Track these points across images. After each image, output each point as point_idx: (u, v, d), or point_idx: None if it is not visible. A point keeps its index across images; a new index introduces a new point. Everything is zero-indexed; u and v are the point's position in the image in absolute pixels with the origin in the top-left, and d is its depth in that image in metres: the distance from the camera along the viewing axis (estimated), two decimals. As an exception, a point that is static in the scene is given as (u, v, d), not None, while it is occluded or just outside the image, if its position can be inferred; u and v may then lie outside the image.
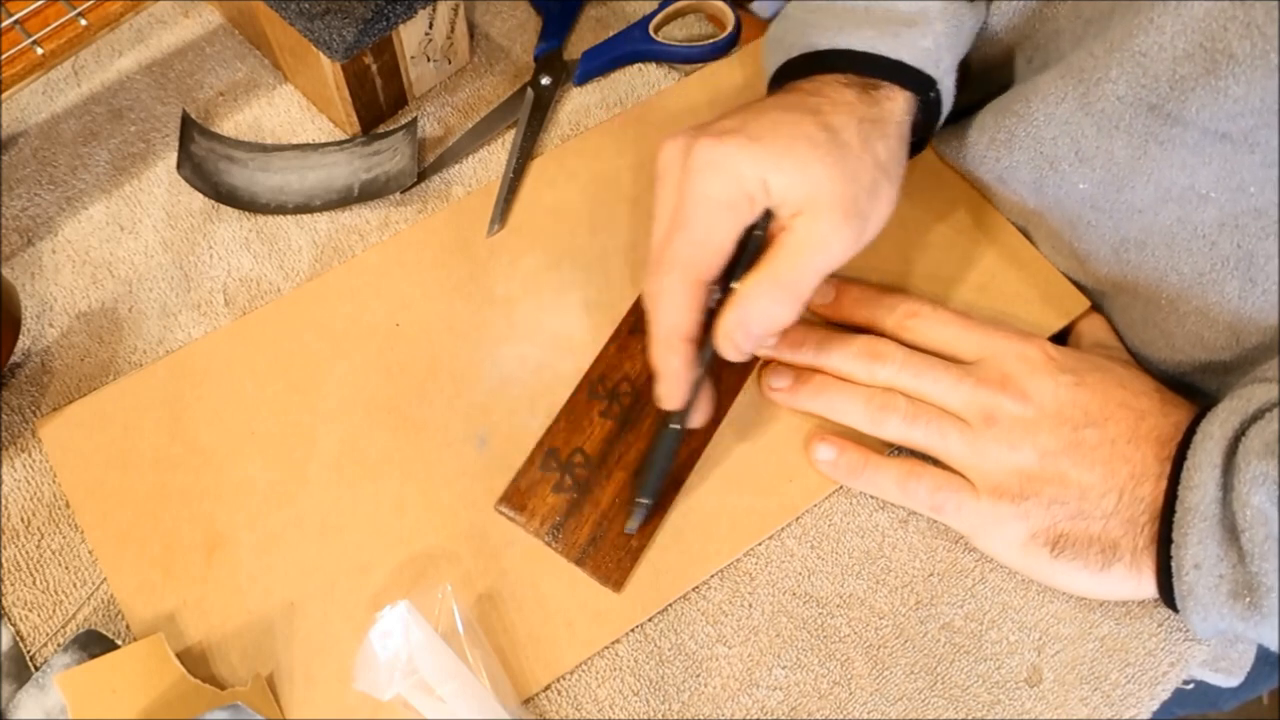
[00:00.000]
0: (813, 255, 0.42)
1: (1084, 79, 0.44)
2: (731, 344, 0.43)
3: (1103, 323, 0.52)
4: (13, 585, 0.45)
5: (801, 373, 0.48)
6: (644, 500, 0.45)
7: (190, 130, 0.55)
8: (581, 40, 0.61)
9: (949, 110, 0.50)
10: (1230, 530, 0.41)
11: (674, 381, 0.43)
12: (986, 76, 0.54)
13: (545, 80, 0.58)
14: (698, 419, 0.45)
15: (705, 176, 0.42)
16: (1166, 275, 0.46)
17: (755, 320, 0.42)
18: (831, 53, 0.47)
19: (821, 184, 0.42)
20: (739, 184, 0.42)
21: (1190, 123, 0.41)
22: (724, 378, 0.49)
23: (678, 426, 0.44)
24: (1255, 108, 0.39)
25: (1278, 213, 0.42)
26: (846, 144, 0.43)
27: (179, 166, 0.54)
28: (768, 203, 0.42)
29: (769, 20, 0.59)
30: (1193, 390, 0.49)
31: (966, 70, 0.52)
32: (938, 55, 0.47)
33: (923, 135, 0.49)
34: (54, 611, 0.45)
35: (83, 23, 0.48)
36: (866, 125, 0.44)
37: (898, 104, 0.46)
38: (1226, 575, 0.41)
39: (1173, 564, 0.42)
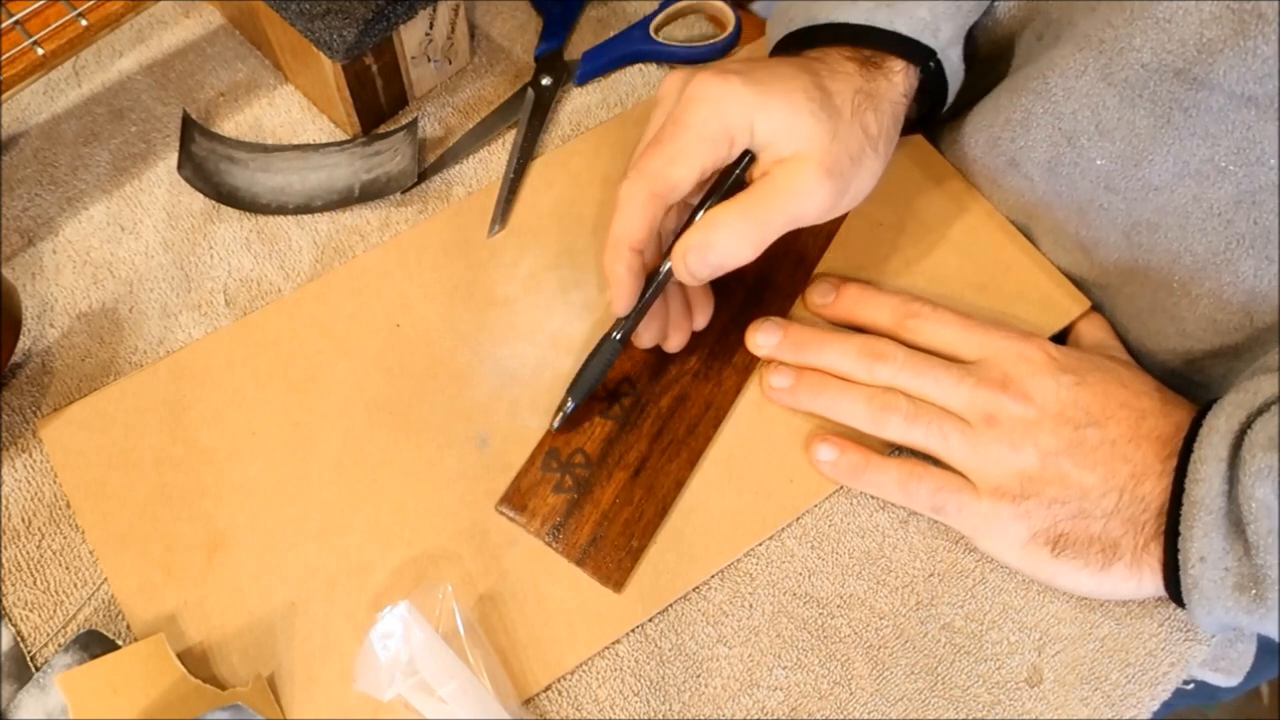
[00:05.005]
0: (788, 201, 0.43)
1: (1105, 49, 0.44)
2: (684, 264, 0.44)
3: (1103, 323, 0.52)
4: (13, 585, 0.45)
5: (802, 372, 0.48)
6: (571, 403, 0.46)
7: (191, 131, 0.55)
8: (582, 41, 0.61)
9: (958, 84, 0.51)
10: (1236, 524, 0.41)
11: (618, 286, 0.45)
12: (994, 60, 0.54)
13: (546, 81, 0.58)
14: (645, 338, 0.47)
15: (695, 106, 0.43)
16: (1180, 257, 0.46)
17: (714, 246, 0.43)
18: (831, 26, 0.48)
19: (808, 136, 0.43)
20: (723, 120, 0.43)
21: (1217, 86, 0.41)
22: (724, 377, 0.49)
23: (617, 337, 0.46)
24: None
25: None
26: (838, 109, 0.44)
27: (180, 167, 0.54)
28: (749, 144, 0.44)
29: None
30: (1197, 380, 0.49)
31: (974, 54, 0.52)
32: (935, 25, 0.48)
33: (932, 105, 0.50)
34: (55, 612, 0.45)
35: (83, 23, 0.48)
36: (861, 96, 0.45)
37: (897, 80, 0.47)
38: (1232, 568, 0.41)
39: (1179, 557, 0.42)
